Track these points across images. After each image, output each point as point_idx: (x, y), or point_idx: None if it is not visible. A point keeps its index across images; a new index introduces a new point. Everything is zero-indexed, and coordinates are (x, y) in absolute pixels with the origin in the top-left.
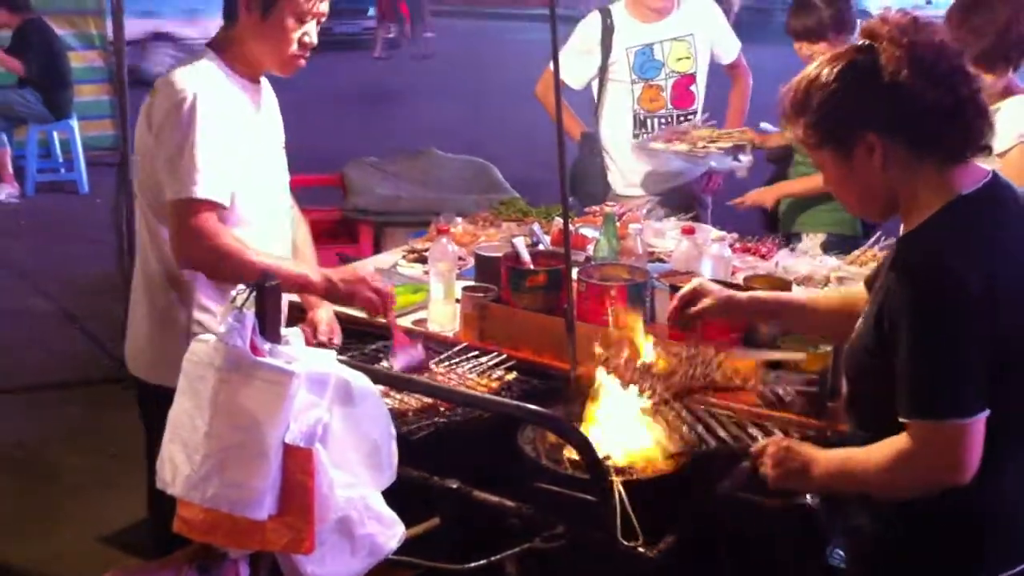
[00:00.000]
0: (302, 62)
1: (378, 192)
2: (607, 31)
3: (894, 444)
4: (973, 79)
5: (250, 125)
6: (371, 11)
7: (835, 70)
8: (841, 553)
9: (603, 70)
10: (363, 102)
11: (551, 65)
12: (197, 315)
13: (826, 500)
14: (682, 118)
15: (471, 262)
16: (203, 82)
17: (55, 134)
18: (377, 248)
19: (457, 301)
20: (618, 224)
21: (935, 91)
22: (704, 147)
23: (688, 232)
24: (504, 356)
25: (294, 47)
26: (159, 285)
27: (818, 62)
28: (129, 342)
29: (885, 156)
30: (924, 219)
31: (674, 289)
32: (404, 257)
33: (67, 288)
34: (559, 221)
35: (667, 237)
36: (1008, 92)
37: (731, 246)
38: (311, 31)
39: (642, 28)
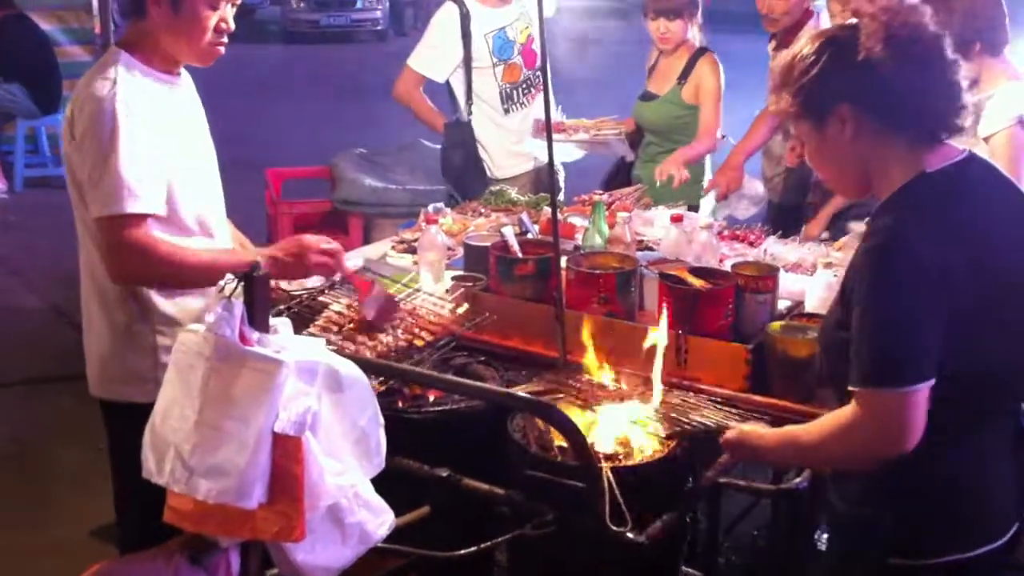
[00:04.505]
0: (221, 50)
1: (367, 184)
2: (465, 18)
3: (838, 415)
4: (950, 64)
5: (175, 121)
6: (359, 3)
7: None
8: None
9: (468, 58)
10: (351, 94)
11: (411, 63)
12: (160, 327)
13: (813, 484)
14: (537, 76)
15: (460, 252)
16: (121, 87)
17: (43, 129)
18: (367, 239)
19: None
20: (607, 213)
21: (905, 70)
22: (599, 132)
23: (677, 220)
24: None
25: (210, 36)
26: (115, 300)
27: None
28: (90, 362)
29: (856, 128)
30: (890, 195)
31: (663, 277)
32: (393, 247)
33: (56, 283)
34: (548, 210)
35: (656, 225)
36: (1005, 77)
37: (719, 233)
38: (228, 16)
39: (492, 13)
